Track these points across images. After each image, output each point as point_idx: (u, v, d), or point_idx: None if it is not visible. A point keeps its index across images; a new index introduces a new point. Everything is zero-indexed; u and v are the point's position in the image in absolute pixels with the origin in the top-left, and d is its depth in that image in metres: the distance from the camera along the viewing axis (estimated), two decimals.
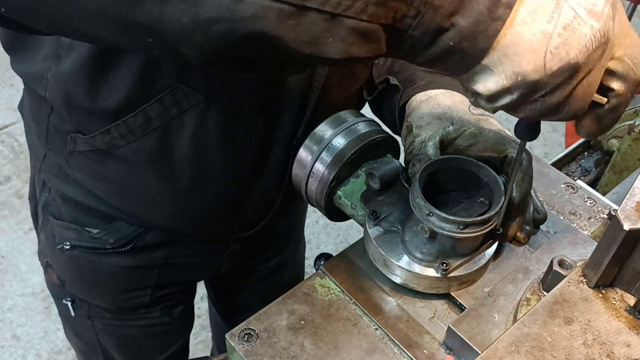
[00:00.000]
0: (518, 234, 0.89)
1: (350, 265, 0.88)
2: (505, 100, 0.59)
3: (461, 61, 0.57)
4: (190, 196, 1.08)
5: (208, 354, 2.26)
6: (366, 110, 1.08)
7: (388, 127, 1.09)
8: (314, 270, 0.90)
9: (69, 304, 1.33)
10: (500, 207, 0.78)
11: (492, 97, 0.59)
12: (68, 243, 1.20)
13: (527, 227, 0.90)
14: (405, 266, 0.81)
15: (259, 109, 0.97)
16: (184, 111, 0.93)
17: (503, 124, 0.93)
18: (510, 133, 0.92)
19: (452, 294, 0.83)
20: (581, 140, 1.56)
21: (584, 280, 0.74)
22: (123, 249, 1.20)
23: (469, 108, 0.93)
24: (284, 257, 1.58)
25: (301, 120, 1.02)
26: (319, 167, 0.91)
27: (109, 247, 1.19)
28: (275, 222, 1.27)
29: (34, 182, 1.25)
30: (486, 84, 0.58)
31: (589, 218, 0.96)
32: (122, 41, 0.58)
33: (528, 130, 0.68)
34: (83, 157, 1.06)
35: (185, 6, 0.50)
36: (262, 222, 1.20)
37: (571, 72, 0.56)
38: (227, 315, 1.73)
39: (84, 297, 1.31)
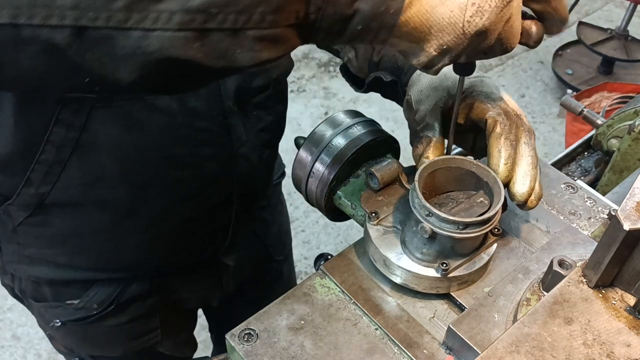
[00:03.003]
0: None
1: (350, 265, 0.88)
2: (440, 64, 0.67)
3: (376, 37, 0.62)
4: (141, 218, 1.06)
5: (208, 354, 2.26)
6: (366, 110, 1.08)
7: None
8: (314, 270, 0.90)
9: None
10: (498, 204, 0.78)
11: (428, 66, 0.67)
12: (58, 320, 1.20)
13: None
14: (405, 266, 0.81)
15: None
16: (86, 121, 0.90)
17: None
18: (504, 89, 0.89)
19: (452, 294, 0.83)
20: (581, 140, 1.56)
21: (584, 280, 0.74)
22: (109, 309, 1.18)
23: None
24: (281, 267, 1.57)
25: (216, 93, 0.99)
26: (319, 167, 0.91)
27: (95, 312, 1.18)
28: (243, 223, 1.24)
29: (4, 273, 1.23)
30: (419, 59, 0.66)
31: (589, 218, 0.96)
32: (64, 85, 0.62)
33: (464, 66, 0.77)
34: (28, 227, 1.04)
35: (100, 50, 0.54)
36: (228, 221, 1.18)
37: (491, 28, 0.63)
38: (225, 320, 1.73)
39: (96, 354, 1.32)
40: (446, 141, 0.87)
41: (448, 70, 0.90)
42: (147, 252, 1.14)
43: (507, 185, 0.82)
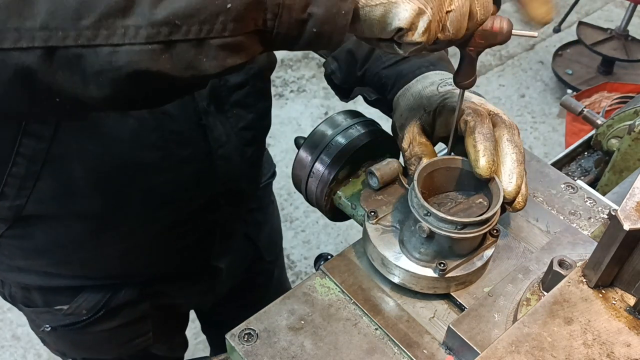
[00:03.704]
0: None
1: (350, 265, 0.88)
2: (424, 21, 0.62)
3: (330, 40, 0.63)
4: (121, 227, 1.04)
5: (208, 353, 2.26)
6: (366, 110, 1.08)
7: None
8: (314, 270, 0.90)
9: None
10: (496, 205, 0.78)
11: (413, 25, 0.62)
12: (48, 326, 1.20)
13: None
14: (403, 266, 0.81)
15: None
16: (55, 131, 0.89)
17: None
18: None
19: (452, 294, 0.83)
20: (581, 140, 1.56)
21: (584, 280, 0.74)
22: (99, 315, 1.18)
23: (437, 88, 0.90)
24: (272, 268, 1.57)
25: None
26: (319, 167, 0.91)
27: (85, 318, 1.18)
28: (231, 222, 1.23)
29: None
30: (403, 15, 0.62)
31: (589, 218, 0.96)
32: (36, 110, 0.63)
33: (464, 77, 0.76)
34: (10, 240, 1.04)
35: (70, 70, 0.56)
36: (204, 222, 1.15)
37: None
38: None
39: (87, 357, 1.32)
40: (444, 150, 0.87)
41: (422, 87, 0.90)
42: (132, 260, 1.12)
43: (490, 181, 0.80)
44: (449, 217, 0.75)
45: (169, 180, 1.03)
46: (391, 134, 0.96)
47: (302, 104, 3.62)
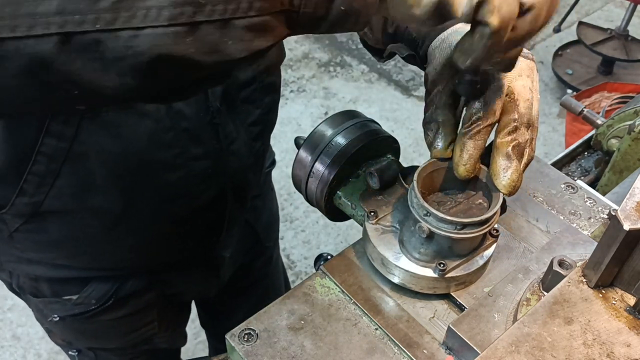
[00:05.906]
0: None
1: (350, 265, 0.88)
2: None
3: (357, 19, 0.59)
4: (133, 221, 1.06)
5: (208, 354, 2.26)
6: (366, 110, 1.08)
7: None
8: (314, 270, 0.90)
9: (75, 355, 1.35)
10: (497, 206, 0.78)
11: None
12: (56, 315, 1.21)
13: None
14: (403, 266, 0.81)
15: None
16: (77, 131, 0.89)
17: None
18: None
19: (452, 294, 0.83)
20: (581, 140, 1.56)
21: (584, 280, 0.74)
22: (108, 304, 1.19)
23: None
24: (270, 252, 1.58)
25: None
26: (319, 167, 0.91)
27: (94, 307, 1.19)
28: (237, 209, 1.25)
29: (2, 270, 1.24)
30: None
31: (589, 218, 0.96)
32: (51, 102, 0.59)
33: (469, 88, 0.74)
34: (24, 234, 1.04)
35: (88, 57, 0.52)
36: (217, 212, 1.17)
37: None
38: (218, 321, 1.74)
39: (94, 346, 1.33)
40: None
41: (455, 28, 0.83)
42: (142, 253, 1.14)
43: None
44: (448, 217, 0.75)
45: (180, 177, 1.04)
46: (391, 133, 0.96)
47: (302, 104, 3.62)
